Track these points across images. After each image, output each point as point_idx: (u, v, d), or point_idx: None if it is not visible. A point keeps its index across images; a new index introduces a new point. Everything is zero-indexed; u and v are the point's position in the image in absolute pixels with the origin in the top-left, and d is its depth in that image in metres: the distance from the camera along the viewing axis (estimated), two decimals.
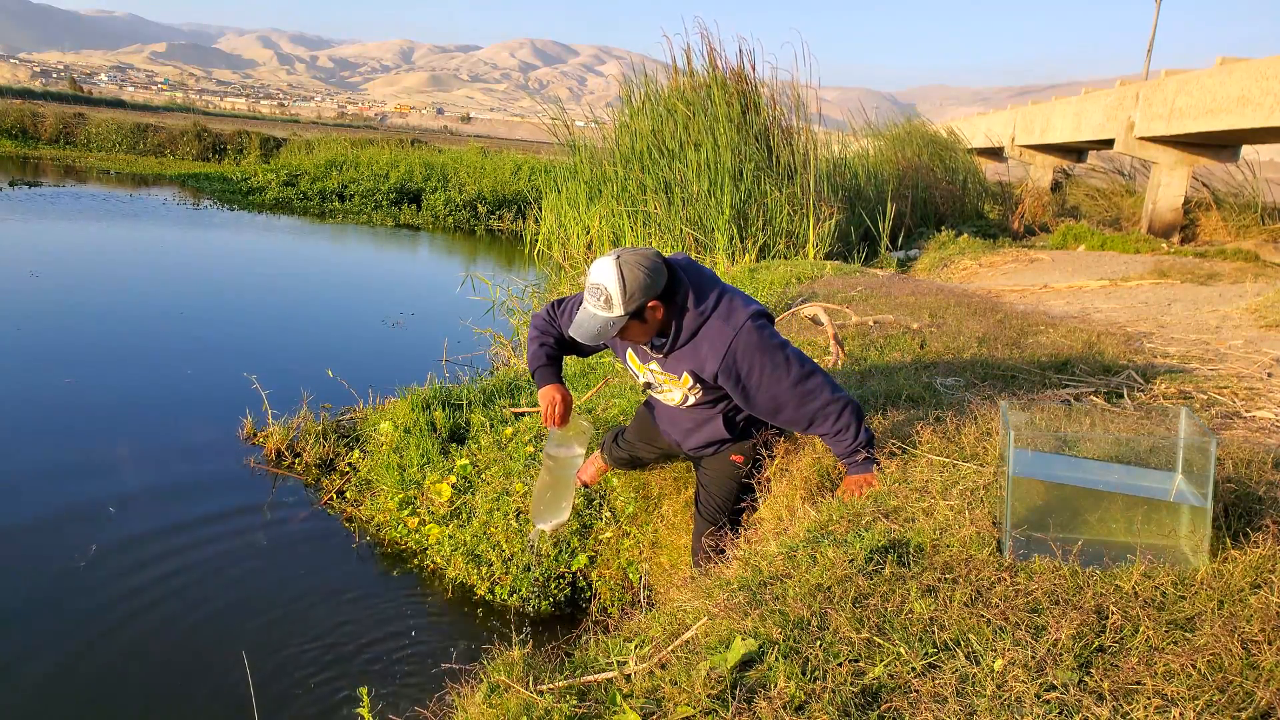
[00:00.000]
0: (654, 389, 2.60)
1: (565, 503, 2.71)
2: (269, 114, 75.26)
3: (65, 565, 3.39)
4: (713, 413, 2.58)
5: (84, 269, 9.36)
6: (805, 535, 1.99)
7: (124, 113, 33.86)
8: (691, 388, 2.48)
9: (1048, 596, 1.58)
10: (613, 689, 1.50)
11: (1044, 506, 1.75)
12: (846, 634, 1.52)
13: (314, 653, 3.01)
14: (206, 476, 4.33)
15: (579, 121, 13.34)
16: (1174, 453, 1.83)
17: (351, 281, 10.40)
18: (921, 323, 4.53)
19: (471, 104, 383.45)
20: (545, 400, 2.54)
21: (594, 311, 2.25)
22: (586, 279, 2.27)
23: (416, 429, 4.10)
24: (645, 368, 2.54)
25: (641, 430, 3.01)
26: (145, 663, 2.89)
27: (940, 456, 2.27)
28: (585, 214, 11.53)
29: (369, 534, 3.87)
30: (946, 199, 14.76)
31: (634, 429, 3.08)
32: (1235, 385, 3.28)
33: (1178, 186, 15.11)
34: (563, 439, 2.62)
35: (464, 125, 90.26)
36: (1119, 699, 1.31)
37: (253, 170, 20.25)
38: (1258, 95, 11.77)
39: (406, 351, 7.04)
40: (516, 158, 20.55)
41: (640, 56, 12.68)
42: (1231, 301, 5.76)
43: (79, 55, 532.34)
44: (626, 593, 3.28)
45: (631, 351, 2.54)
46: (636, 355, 2.54)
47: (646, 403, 2.95)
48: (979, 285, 8.01)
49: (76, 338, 6.56)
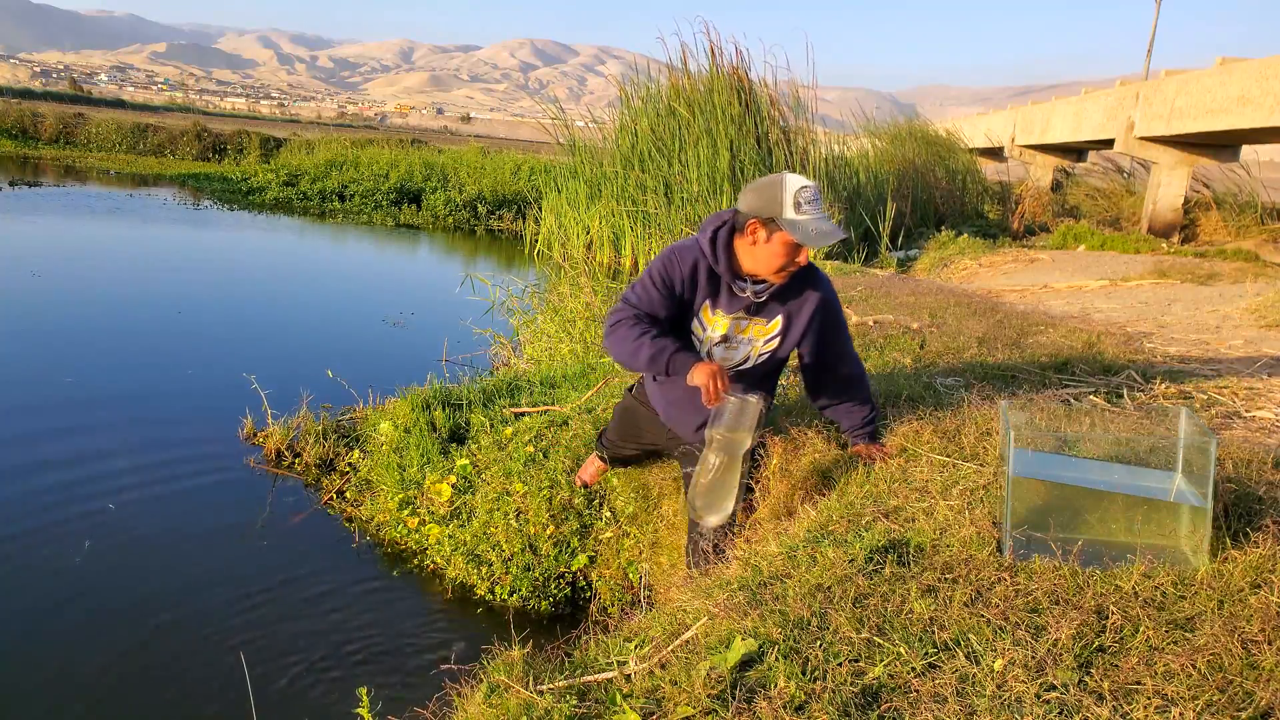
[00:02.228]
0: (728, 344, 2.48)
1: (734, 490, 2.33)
2: (269, 114, 75.25)
3: (63, 565, 3.39)
4: (768, 370, 2.57)
5: (84, 269, 9.36)
6: (805, 535, 1.99)
7: (124, 113, 33.86)
8: (770, 339, 2.46)
9: (1048, 596, 1.58)
10: (613, 689, 1.50)
11: (1044, 506, 1.75)
12: (846, 634, 1.52)
13: (313, 653, 3.01)
14: (206, 476, 4.33)
15: (579, 122, 13.34)
16: (1174, 453, 1.83)
17: (351, 281, 10.40)
18: (921, 323, 4.53)
19: (471, 104, 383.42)
20: (705, 375, 2.20)
21: (822, 213, 2.27)
22: (800, 188, 2.24)
23: (416, 429, 4.10)
24: (728, 318, 2.44)
25: (624, 427, 2.99)
26: (143, 662, 2.88)
27: (940, 456, 2.28)
28: (585, 214, 11.54)
29: (369, 534, 3.87)
30: (946, 199, 14.77)
31: (616, 428, 3.06)
32: (1235, 385, 3.28)
33: (1178, 186, 15.11)
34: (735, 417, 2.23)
35: (464, 125, 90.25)
36: (1119, 699, 1.31)
37: (253, 170, 20.25)
38: (1258, 95, 11.77)
39: (406, 351, 7.04)
40: (516, 158, 20.55)
41: (640, 56, 12.69)
42: (1231, 301, 5.76)
43: (79, 55, 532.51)
44: (626, 593, 3.27)
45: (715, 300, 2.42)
46: (724, 303, 2.42)
47: (633, 397, 2.92)
48: (979, 285, 8.01)
49: (77, 337, 6.56)
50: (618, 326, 2.36)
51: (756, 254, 2.34)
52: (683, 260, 2.40)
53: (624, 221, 11.03)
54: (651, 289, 2.40)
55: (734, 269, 2.40)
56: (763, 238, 2.30)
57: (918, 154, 15.19)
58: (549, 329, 6.45)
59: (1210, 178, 16.36)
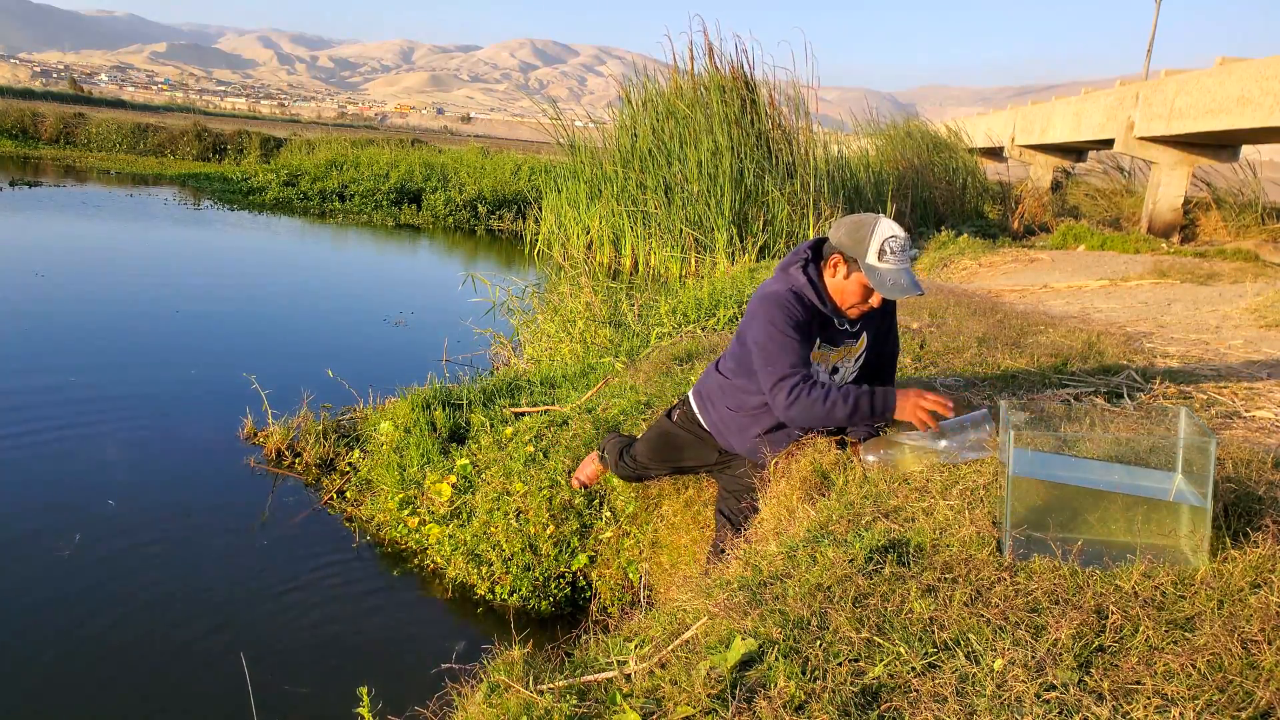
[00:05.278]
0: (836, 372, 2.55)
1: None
2: (269, 114, 75.26)
3: (63, 564, 3.39)
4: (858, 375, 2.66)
5: (85, 268, 9.36)
6: (805, 535, 1.99)
7: (124, 113, 33.88)
8: (860, 355, 2.58)
9: (1048, 596, 1.58)
10: (613, 689, 1.51)
11: (1044, 506, 1.75)
12: (846, 634, 1.52)
13: (313, 653, 3.01)
14: (206, 476, 4.34)
15: (579, 122, 13.34)
16: (1174, 453, 1.83)
17: (351, 281, 10.40)
18: (921, 323, 4.53)
19: (471, 104, 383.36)
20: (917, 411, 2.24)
21: (910, 263, 2.33)
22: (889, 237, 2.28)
23: (416, 429, 4.10)
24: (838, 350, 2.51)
25: (662, 450, 2.96)
26: (143, 662, 2.89)
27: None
28: (585, 214, 11.54)
29: (369, 534, 3.87)
30: (946, 199, 14.77)
31: (649, 451, 3.00)
32: (1235, 385, 3.28)
33: (1177, 186, 15.11)
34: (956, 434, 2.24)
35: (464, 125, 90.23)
36: (1119, 699, 1.31)
37: (253, 170, 20.24)
38: (1258, 95, 11.77)
39: (406, 351, 7.04)
40: (516, 158, 20.55)
41: (640, 56, 12.68)
42: (1231, 301, 5.76)
43: (79, 55, 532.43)
44: (626, 593, 3.27)
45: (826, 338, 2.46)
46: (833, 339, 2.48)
47: (674, 423, 2.90)
48: (979, 285, 8.01)
49: (79, 336, 6.56)
50: (795, 404, 2.31)
51: (834, 286, 2.40)
52: (798, 304, 2.39)
53: (624, 221, 11.04)
54: (791, 340, 2.35)
55: (835, 305, 2.44)
56: (842, 273, 2.37)
57: (918, 154, 15.19)
58: (549, 329, 6.45)
59: (1213, 177, 16.36)
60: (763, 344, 2.39)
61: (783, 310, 2.36)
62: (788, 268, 2.45)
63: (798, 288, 2.39)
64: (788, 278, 2.42)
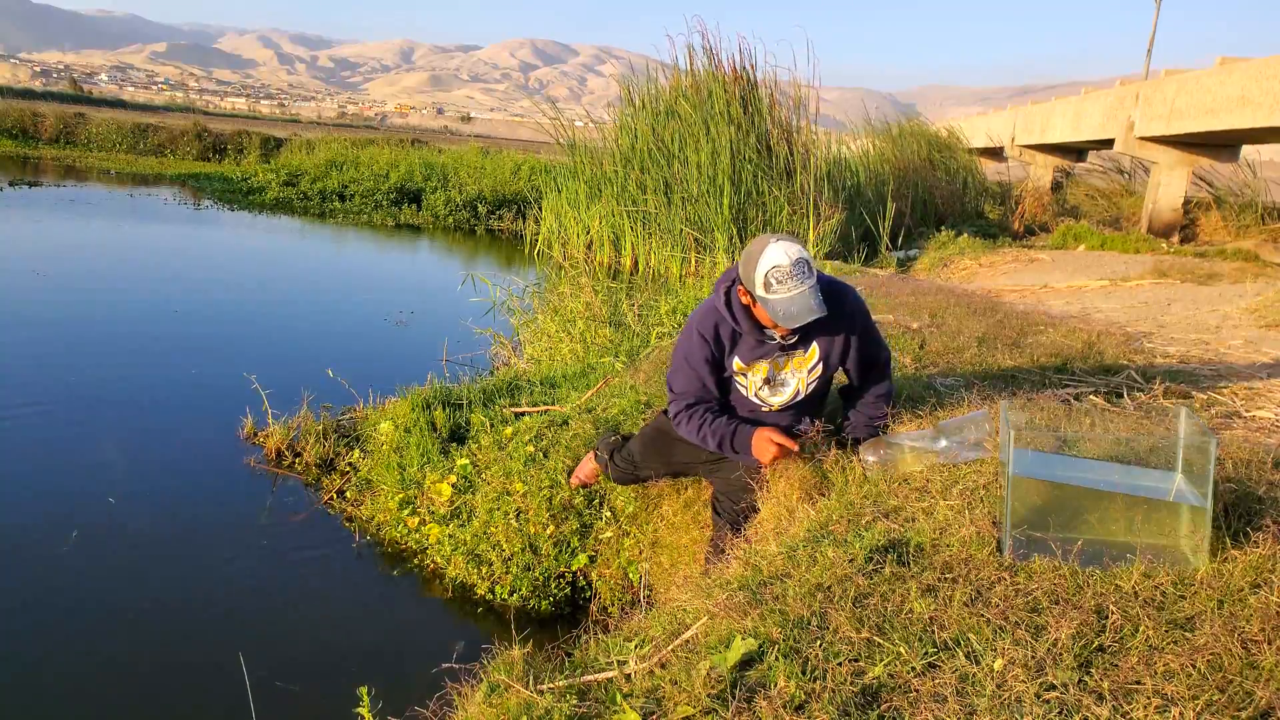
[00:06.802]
0: (770, 387, 2.55)
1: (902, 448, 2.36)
2: (269, 114, 75.27)
3: (63, 564, 3.39)
4: (817, 395, 2.63)
5: (85, 268, 9.36)
6: (805, 535, 1.99)
7: (124, 113, 33.85)
8: (813, 368, 2.53)
9: (1048, 596, 1.58)
10: (613, 688, 1.51)
11: (1044, 506, 1.75)
12: (846, 633, 1.52)
13: (313, 652, 3.01)
14: (206, 476, 4.33)
15: (579, 122, 13.34)
16: (1174, 453, 1.83)
17: (351, 281, 10.39)
18: (921, 322, 4.53)
19: (472, 104, 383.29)
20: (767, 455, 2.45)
21: (807, 286, 2.28)
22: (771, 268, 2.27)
23: (416, 429, 4.10)
24: (762, 365, 2.52)
25: (655, 448, 2.98)
26: (142, 662, 2.88)
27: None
28: (585, 214, 11.54)
29: (369, 534, 3.87)
30: (946, 199, 14.77)
31: (642, 449, 3.04)
32: (1235, 385, 3.28)
33: (1177, 186, 15.10)
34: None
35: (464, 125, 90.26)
36: (1119, 699, 1.31)
37: (253, 170, 20.24)
38: (1258, 95, 11.76)
39: (406, 351, 7.04)
40: (516, 158, 20.53)
41: (640, 56, 12.68)
42: (1231, 301, 5.76)
43: (79, 55, 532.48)
44: (626, 593, 3.27)
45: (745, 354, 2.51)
46: (753, 353, 2.51)
47: (668, 418, 2.90)
48: (979, 285, 8.01)
49: (79, 336, 6.56)
50: (679, 425, 2.58)
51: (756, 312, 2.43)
52: (704, 329, 2.50)
53: (624, 221, 11.04)
54: (689, 370, 2.53)
55: (754, 322, 2.46)
56: (749, 300, 2.41)
57: (918, 154, 15.18)
58: (549, 329, 6.45)
59: (1213, 177, 16.34)
60: (672, 364, 2.63)
61: (690, 340, 2.53)
62: (719, 285, 2.54)
63: (720, 307, 2.50)
64: (715, 296, 2.54)
